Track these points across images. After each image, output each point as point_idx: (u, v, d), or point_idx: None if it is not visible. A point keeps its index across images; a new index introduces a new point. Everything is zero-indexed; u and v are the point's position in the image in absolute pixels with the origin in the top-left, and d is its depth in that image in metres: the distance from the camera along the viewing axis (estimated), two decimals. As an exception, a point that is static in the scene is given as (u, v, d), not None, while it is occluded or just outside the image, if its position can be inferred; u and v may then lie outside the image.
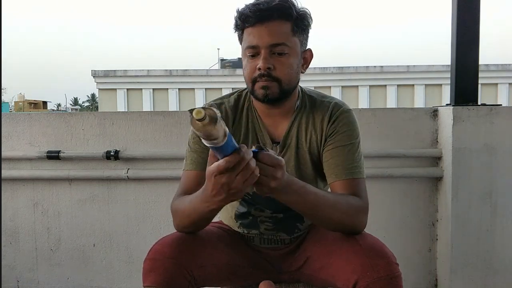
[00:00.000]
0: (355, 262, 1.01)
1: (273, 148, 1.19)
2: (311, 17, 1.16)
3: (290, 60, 1.12)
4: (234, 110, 1.22)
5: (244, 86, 1.22)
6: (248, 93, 1.23)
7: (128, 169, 1.97)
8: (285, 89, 1.13)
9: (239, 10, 1.13)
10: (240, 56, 1.21)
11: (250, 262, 1.24)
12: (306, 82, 11.52)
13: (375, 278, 0.98)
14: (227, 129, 0.77)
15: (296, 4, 1.13)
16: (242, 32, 1.15)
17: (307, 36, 1.18)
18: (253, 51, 1.12)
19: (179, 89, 14.14)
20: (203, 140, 0.76)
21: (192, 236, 1.15)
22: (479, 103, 1.94)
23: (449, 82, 2.08)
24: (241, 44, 1.17)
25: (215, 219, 1.26)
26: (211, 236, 1.21)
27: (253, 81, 1.13)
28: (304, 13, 1.14)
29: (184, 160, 1.22)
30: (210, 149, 0.82)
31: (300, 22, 1.13)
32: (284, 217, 1.23)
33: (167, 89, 14.11)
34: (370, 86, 13.93)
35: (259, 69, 1.10)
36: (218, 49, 30.05)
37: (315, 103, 1.21)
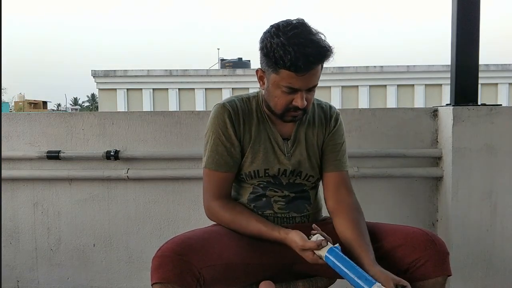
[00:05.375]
0: (417, 240, 1.19)
1: (284, 144, 1.33)
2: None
3: (315, 90, 1.25)
4: (244, 109, 1.33)
5: (243, 86, 1.24)
6: (257, 98, 1.35)
7: (128, 169, 1.97)
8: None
9: (285, 54, 1.13)
10: (240, 56, 1.24)
11: (261, 259, 1.25)
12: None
13: (435, 252, 1.17)
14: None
15: (331, 45, 1.18)
16: (280, 68, 1.17)
17: None
18: (291, 90, 1.20)
19: (179, 89, 14.13)
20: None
21: (202, 236, 1.19)
22: (479, 103, 1.94)
23: (449, 82, 2.09)
24: (269, 70, 1.20)
25: None
26: (222, 236, 1.23)
27: (286, 110, 1.24)
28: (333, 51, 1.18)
29: (204, 156, 1.32)
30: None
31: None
32: (295, 196, 1.35)
33: (167, 89, 14.10)
34: (370, 86, 13.93)
35: (297, 107, 1.21)
36: (218, 49, 30.10)
37: (314, 105, 1.38)
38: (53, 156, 1.96)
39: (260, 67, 1.25)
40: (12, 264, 2.06)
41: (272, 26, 1.19)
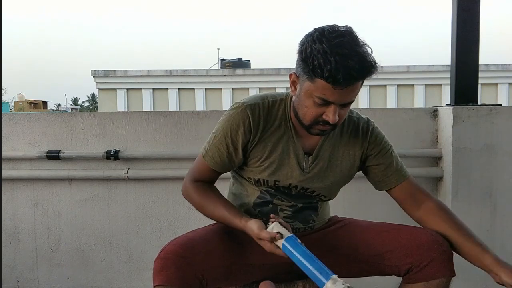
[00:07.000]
0: (421, 240, 1.17)
1: (304, 160, 1.23)
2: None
3: (350, 106, 1.15)
4: (267, 115, 1.22)
5: (243, 86, 1.22)
6: (284, 102, 1.23)
7: (128, 169, 1.97)
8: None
9: (325, 63, 1.02)
10: (240, 56, 1.20)
11: (262, 259, 1.24)
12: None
13: (439, 252, 1.15)
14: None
15: (377, 61, 1.07)
16: (316, 77, 1.06)
17: None
18: (324, 102, 1.09)
19: (179, 89, 14.13)
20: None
21: (205, 237, 1.18)
22: (479, 103, 1.94)
23: (449, 82, 2.09)
24: (304, 76, 1.09)
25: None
26: (223, 236, 1.23)
27: (314, 123, 1.14)
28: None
29: (206, 144, 1.26)
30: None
31: None
32: (303, 207, 1.29)
33: (167, 89, 14.11)
34: (370, 86, 13.91)
35: (326, 121, 1.11)
36: (218, 49, 30.04)
37: (344, 119, 1.24)
38: (53, 156, 1.96)
39: (294, 71, 1.14)
40: (12, 264, 2.06)
41: (316, 30, 1.08)
